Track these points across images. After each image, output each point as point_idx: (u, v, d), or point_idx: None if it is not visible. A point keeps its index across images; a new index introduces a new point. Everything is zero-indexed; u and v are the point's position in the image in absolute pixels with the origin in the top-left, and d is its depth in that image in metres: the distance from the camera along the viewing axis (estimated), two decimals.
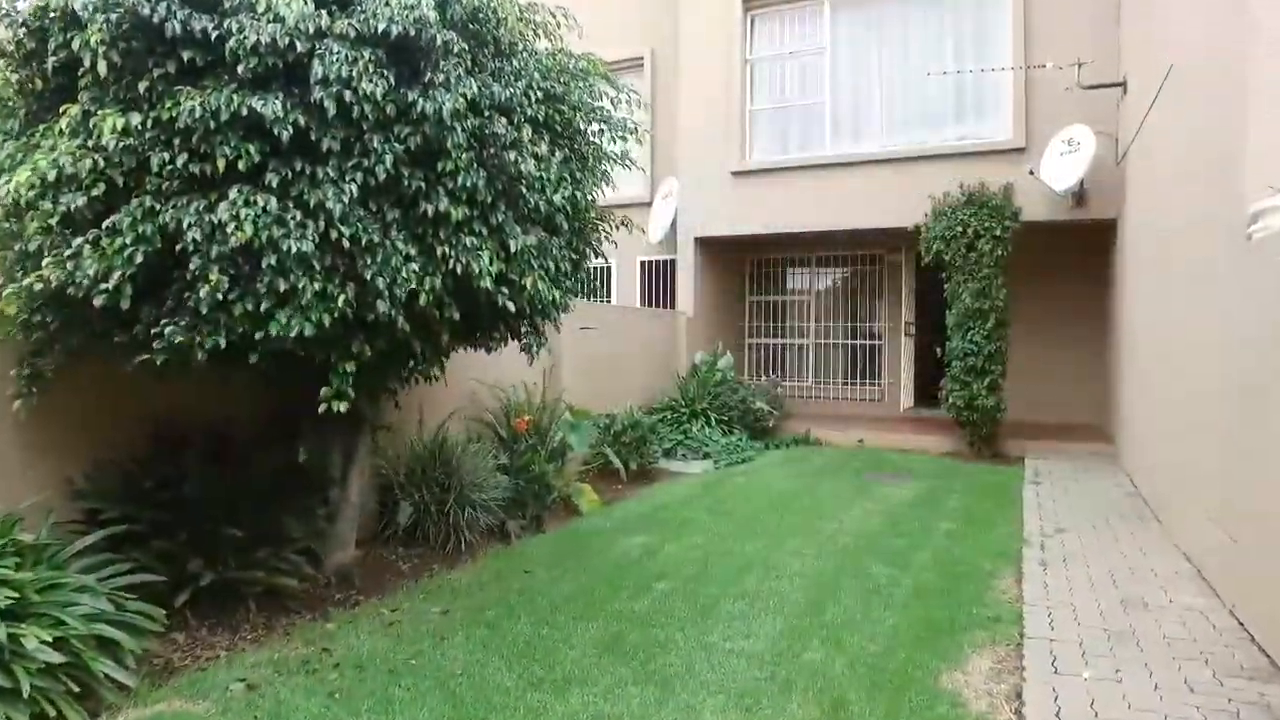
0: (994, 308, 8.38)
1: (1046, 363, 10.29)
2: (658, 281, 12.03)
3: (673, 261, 11.17)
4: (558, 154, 3.93)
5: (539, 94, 3.89)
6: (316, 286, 3.02)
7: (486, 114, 3.55)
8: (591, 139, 4.44)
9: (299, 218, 3.02)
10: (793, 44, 10.20)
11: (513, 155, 3.49)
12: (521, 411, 6.64)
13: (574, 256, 4.30)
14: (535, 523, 5.72)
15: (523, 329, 4.30)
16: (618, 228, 4.98)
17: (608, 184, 4.73)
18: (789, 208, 10.03)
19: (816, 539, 5.25)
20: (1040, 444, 8.84)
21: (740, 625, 3.78)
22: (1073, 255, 10.12)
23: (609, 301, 12.41)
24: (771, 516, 5.87)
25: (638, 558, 4.86)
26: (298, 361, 3.37)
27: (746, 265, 12.31)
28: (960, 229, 8.46)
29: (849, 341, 11.70)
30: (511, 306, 3.59)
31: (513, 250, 3.54)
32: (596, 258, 4.87)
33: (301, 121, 3.06)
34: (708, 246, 10.93)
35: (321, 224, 3.05)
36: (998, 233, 8.35)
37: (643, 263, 12.17)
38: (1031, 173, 8.18)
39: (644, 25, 11.93)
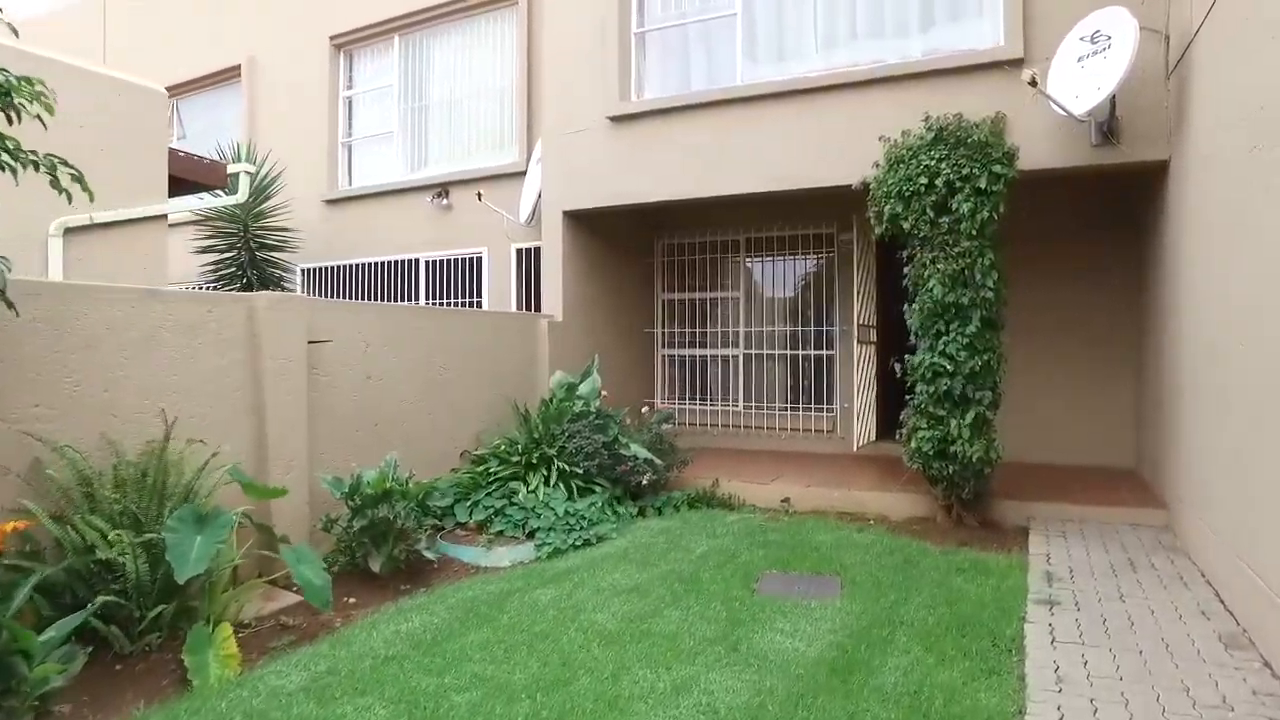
0: (980, 300, 5.35)
1: (1054, 379, 7.32)
2: (538, 274, 9.01)
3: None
4: None
5: None
6: None
7: None
8: None
9: None
10: None
11: None
12: (110, 490, 3.64)
13: None
14: None
15: None
16: None
17: None
18: (689, 164, 7.03)
19: None
20: (1050, 505, 5.81)
21: None
22: (1096, 218, 7.17)
23: (479, 304, 9.40)
24: None
25: None
26: None
27: (657, 253, 9.32)
28: (926, 180, 5.44)
29: (792, 351, 8.70)
30: None
31: None
32: None
33: None
34: (588, 224, 7.92)
35: None
36: (983, 184, 5.33)
37: (519, 251, 9.17)
38: (1033, 83, 5.14)
39: None
